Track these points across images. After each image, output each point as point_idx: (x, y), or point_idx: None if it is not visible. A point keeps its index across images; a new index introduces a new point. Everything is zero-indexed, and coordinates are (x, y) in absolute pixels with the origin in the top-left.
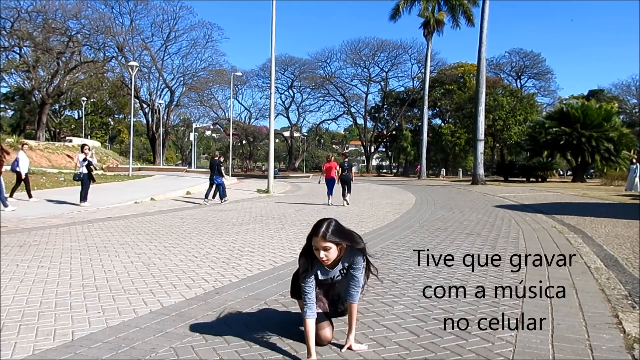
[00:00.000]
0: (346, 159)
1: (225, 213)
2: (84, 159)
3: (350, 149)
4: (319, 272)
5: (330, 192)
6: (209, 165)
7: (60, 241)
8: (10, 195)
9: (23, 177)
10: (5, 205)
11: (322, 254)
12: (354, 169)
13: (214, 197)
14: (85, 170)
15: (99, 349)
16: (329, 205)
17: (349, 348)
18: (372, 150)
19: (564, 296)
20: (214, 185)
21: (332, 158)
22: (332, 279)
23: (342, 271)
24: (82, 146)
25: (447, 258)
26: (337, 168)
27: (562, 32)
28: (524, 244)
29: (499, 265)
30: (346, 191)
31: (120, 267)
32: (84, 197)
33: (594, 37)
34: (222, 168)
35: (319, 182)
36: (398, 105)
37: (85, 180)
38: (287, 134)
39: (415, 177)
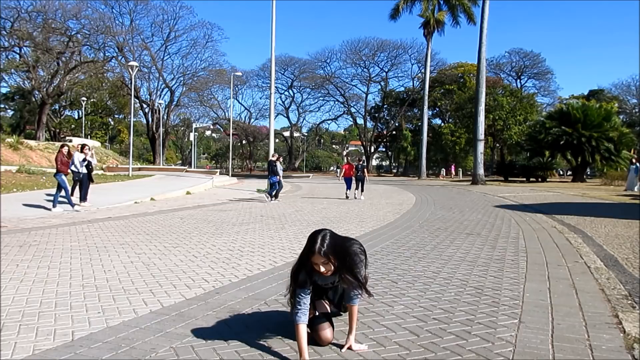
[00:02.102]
0: (360, 162)
1: (225, 213)
2: (84, 159)
3: (350, 149)
4: (317, 279)
5: (348, 188)
6: (267, 165)
7: (60, 241)
8: (71, 194)
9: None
10: (72, 206)
11: (322, 268)
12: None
13: (271, 195)
14: (84, 171)
15: (99, 349)
16: (346, 199)
17: (349, 348)
18: (372, 150)
19: (564, 296)
20: (274, 184)
21: (351, 160)
22: (332, 284)
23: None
24: (82, 146)
25: (447, 258)
26: (353, 169)
27: (562, 32)
28: (524, 244)
29: (499, 265)
30: (360, 188)
31: (120, 267)
32: (83, 197)
33: (594, 37)
34: (277, 167)
35: (339, 179)
36: (398, 105)
37: (84, 181)
38: (287, 134)
39: (446, 177)
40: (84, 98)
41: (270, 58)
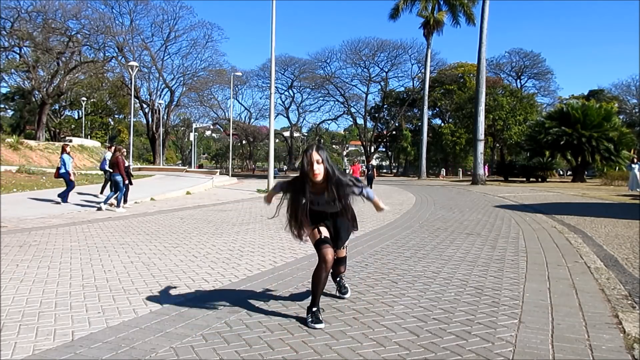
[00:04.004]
0: (370, 163)
1: (225, 213)
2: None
3: (350, 149)
4: (311, 195)
5: None
6: None
7: (60, 241)
8: (101, 192)
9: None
10: (103, 204)
11: (316, 166)
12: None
13: None
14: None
15: (99, 349)
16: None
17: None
18: (372, 150)
19: (564, 296)
20: None
21: (357, 162)
22: (318, 204)
23: (329, 201)
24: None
25: (447, 258)
26: (362, 169)
27: (562, 32)
28: (524, 244)
29: (499, 265)
30: (370, 185)
31: (120, 267)
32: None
33: (594, 37)
34: None
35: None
36: (398, 105)
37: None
38: (287, 134)
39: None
40: (84, 98)
41: (270, 58)
